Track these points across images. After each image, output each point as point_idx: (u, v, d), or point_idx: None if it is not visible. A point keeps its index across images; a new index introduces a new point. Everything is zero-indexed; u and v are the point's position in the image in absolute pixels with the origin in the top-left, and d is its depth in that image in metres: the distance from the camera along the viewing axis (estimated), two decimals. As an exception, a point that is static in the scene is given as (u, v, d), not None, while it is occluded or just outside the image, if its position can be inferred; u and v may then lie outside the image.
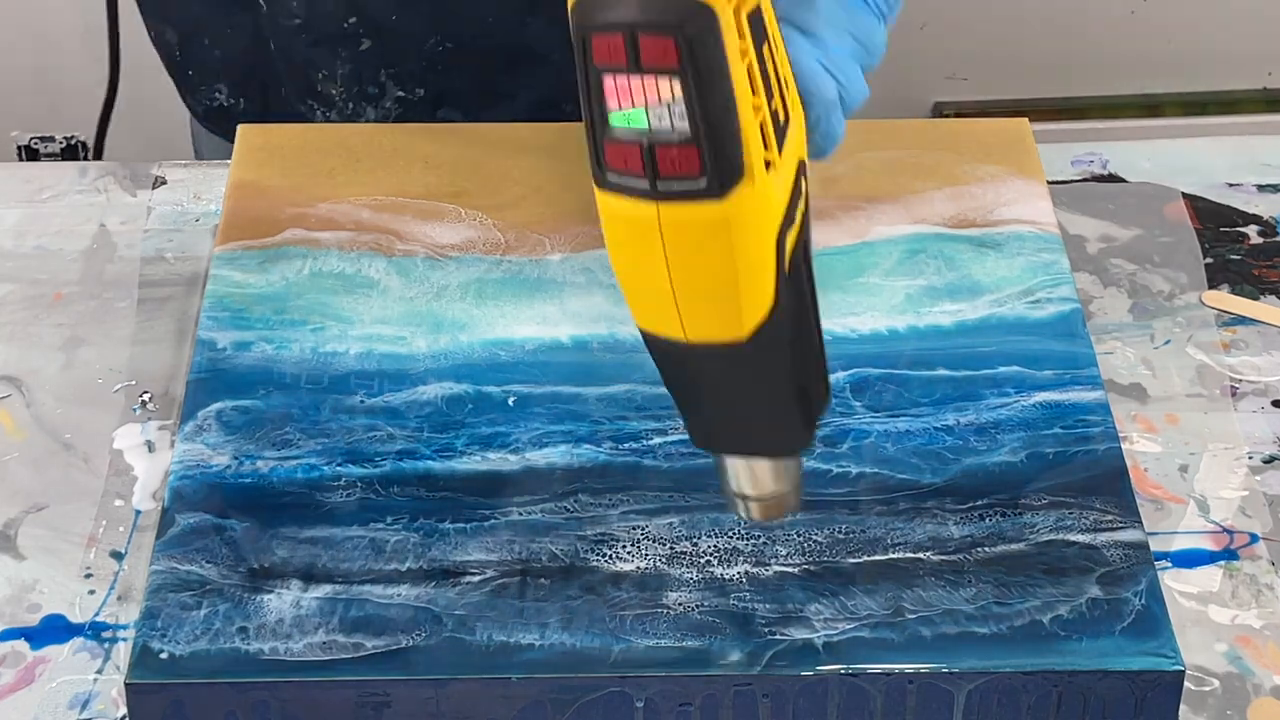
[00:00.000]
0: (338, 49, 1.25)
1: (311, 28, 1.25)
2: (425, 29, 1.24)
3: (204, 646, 0.88)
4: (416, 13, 1.23)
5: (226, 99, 1.32)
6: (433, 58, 1.26)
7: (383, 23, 1.24)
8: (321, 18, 1.24)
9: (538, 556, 0.92)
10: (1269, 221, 1.19)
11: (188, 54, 1.31)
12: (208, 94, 1.32)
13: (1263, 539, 1.01)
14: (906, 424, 0.98)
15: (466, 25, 1.25)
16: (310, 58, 1.26)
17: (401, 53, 1.26)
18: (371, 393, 0.99)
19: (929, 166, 1.13)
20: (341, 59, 1.26)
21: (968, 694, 0.87)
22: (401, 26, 1.24)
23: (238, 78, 1.30)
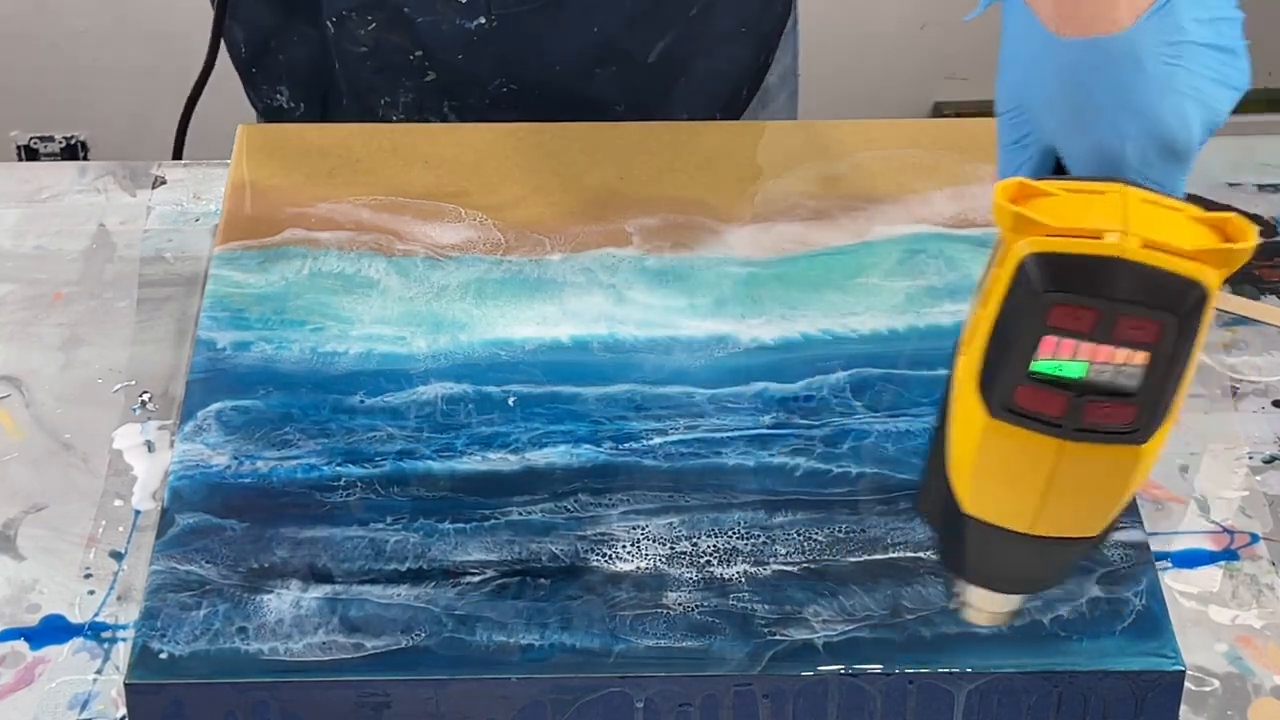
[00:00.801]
0: (401, 78, 1.25)
1: (377, 56, 1.24)
2: (490, 71, 1.24)
3: (204, 646, 0.88)
4: (482, 55, 1.23)
5: (287, 102, 1.31)
6: (496, 98, 1.25)
7: (448, 60, 1.23)
8: (387, 49, 1.24)
9: (538, 556, 0.92)
10: (1269, 221, 1.19)
11: (252, 54, 1.31)
12: (269, 94, 1.32)
13: (1263, 539, 1.01)
14: (906, 424, 0.98)
15: (531, 72, 1.24)
16: (374, 84, 1.26)
17: (464, 89, 1.25)
18: (371, 393, 0.99)
19: (929, 166, 1.13)
20: (405, 88, 1.26)
21: (968, 694, 0.87)
22: (466, 66, 1.23)
23: (300, 84, 1.30)
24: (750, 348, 1.02)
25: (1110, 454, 0.73)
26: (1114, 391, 0.71)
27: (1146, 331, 0.70)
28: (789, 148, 1.14)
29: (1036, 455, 0.73)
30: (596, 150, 1.14)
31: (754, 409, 0.98)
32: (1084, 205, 0.73)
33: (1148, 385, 0.71)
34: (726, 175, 1.12)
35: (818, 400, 0.99)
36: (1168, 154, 0.79)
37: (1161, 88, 0.79)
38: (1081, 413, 0.71)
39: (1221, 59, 0.82)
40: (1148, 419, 0.72)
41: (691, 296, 1.05)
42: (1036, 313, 0.71)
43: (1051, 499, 0.75)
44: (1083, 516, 0.76)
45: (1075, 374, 0.71)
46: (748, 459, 0.96)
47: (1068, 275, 0.70)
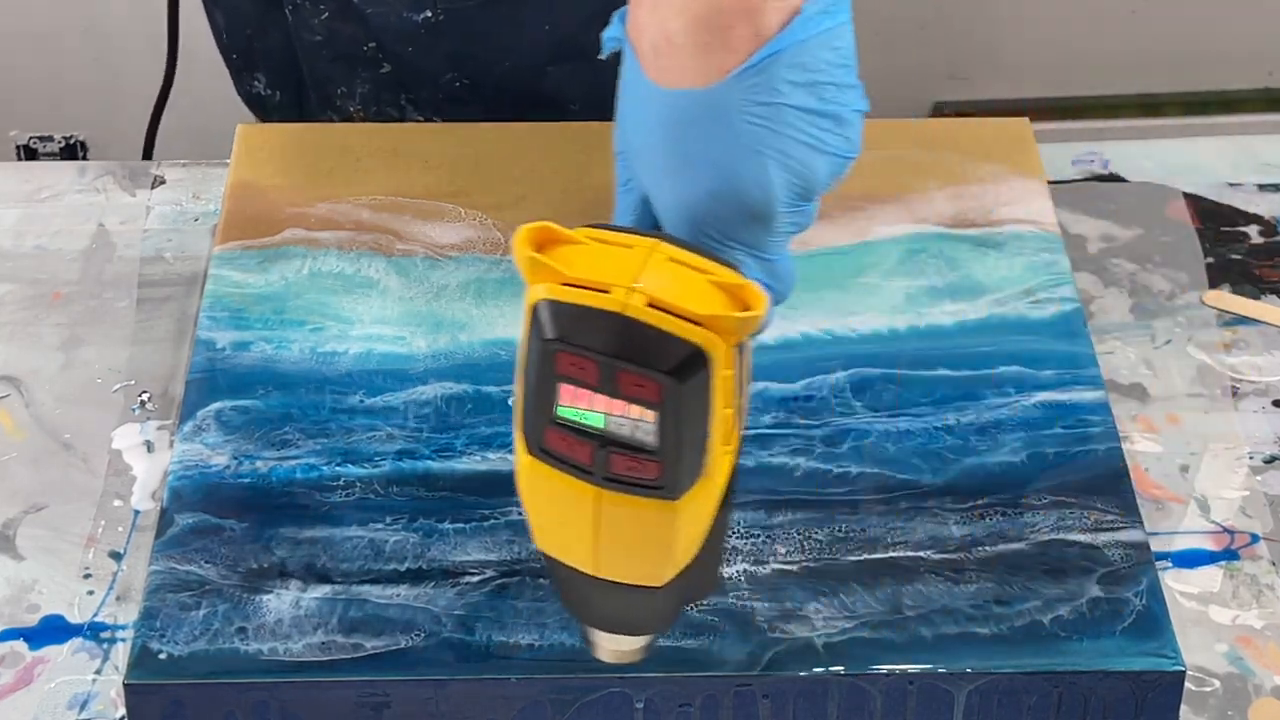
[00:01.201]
0: (358, 69, 1.25)
1: (331, 46, 1.24)
2: (441, 65, 1.23)
3: (203, 647, 0.88)
4: (433, 50, 1.23)
5: (265, 89, 1.32)
6: (450, 92, 1.25)
7: (400, 52, 1.23)
8: (341, 39, 1.24)
9: (537, 556, 0.91)
10: (1269, 221, 1.19)
11: (232, 40, 1.31)
12: (249, 80, 1.32)
13: (1263, 539, 1.01)
14: (907, 424, 0.98)
15: (483, 68, 1.24)
16: (330, 74, 1.26)
17: (420, 82, 1.25)
18: (371, 393, 0.99)
19: (929, 166, 1.13)
20: (361, 79, 1.26)
21: (968, 694, 0.87)
22: (417, 60, 1.23)
23: (275, 71, 1.30)
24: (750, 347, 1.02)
25: (648, 507, 0.73)
26: (635, 446, 0.71)
27: (648, 390, 0.70)
28: (789, 147, 1.14)
29: (577, 498, 0.74)
30: (596, 150, 1.14)
31: (754, 409, 0.98)
32: (605, 257, 0.73)
33: (666, 443, 0.71)
34: (726, 175, 1.12)
35: (818, 400, 0.99)
36: (746, 214, 0.78)
37: (744, 148, 0.77)
38: (608, 462, 0.72)
39: (821, 124, 0.80)
40: (673, 476, 0.72)
41: (691, 296, 1.05)
42: (547, 360, 0.71)
43: (604, 544, 0.75)
44: (641, 565, 0.77)
45: (596, 424, 0.71)
46: (748, 459, 0.96)
47: (573, 326, 0.71)
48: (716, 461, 0.74)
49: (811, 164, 0.79)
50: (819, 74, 0.79)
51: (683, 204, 0.78)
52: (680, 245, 0.74)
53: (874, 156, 1.13)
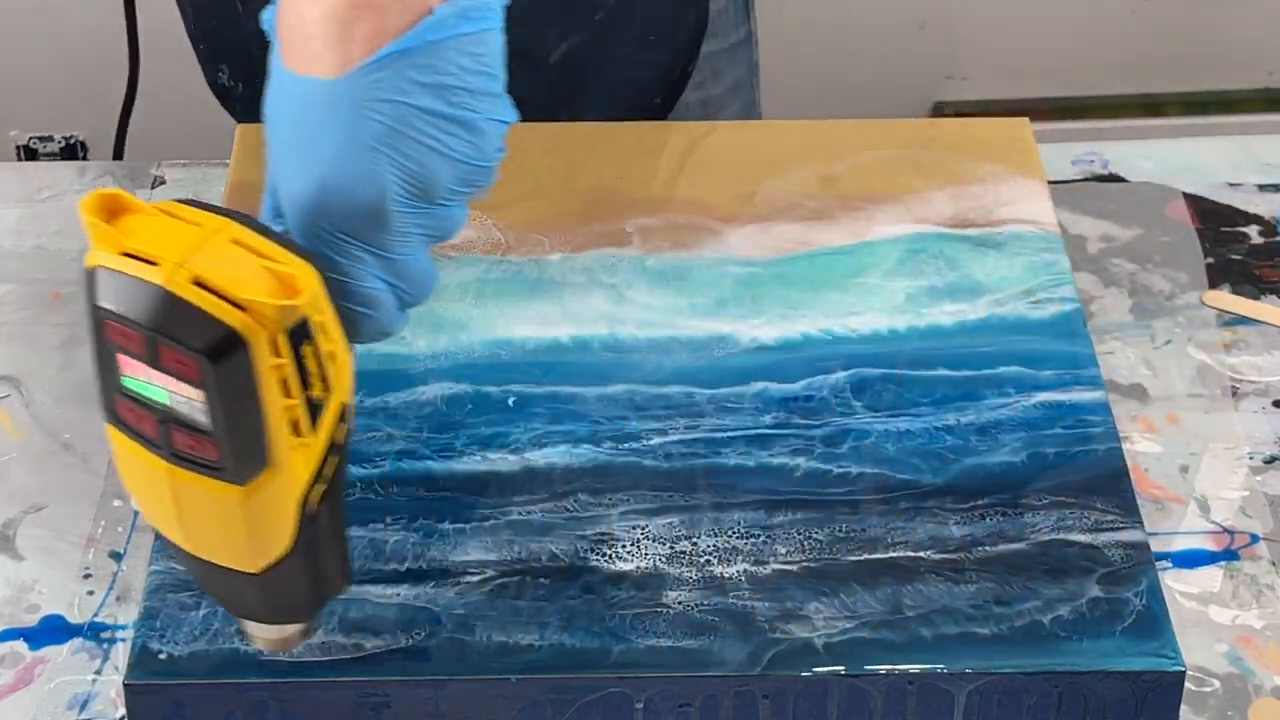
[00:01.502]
0: None
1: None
2: None
3: (203, 647, 0.88)
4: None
5: (228, 80, 1.32)
6: None
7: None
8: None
9: (537, 556, 0.92)
10: (1269, 221, 1.19)
11: (200, 28, 1.31)
12: (213, 71, 1.32)
13: (1263, 539, 1.01)
14: (906, 424, 0.98)
15: None
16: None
17: None
18: (371, 392, 0.99)
19: (929, 166, 1.13)
20: None
21: (968, 694, 0.87)
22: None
23: (238, 65, 1.30)
24: (750, 348, 1.02)
25: (217, 488, 0.74)
26: (192, 425, 0.72)
27: (189, 368, 0.71)
28: (789, 148, 1.14)
29: (153, 471, 0.74)
30: (596, 150, 1.14)
31: (754, 409, 0.98)
32: (169, 231, 0.73)
33: (217, 425, 0.72)
34: (726, 175, 1.12)
35: (818, 400, 0.99)
36: (357, 209, 0.77)
37: (358, 142, 0.77)
38: (171, 438, 0.73)
39: (447, 128, 0.79)
40: (233, 460, 0.73)
41: (691, 296, 1.05)
42: (99, 328, 0.72)
43: (188, 521, 0.76)
44: (227, 548, 0.77)
45: (159, 399, 0.72)
46: (748, 459, 0.96)
47: (119, 296, 0.71)
48: (284, 454, 0.74)
49: (431, 166, 0.79)
50: (450, 78, 0.79)
51: (298, 194, 0.78)
52: (258, 230, 0.74)
53: (874, 156, 1.13)
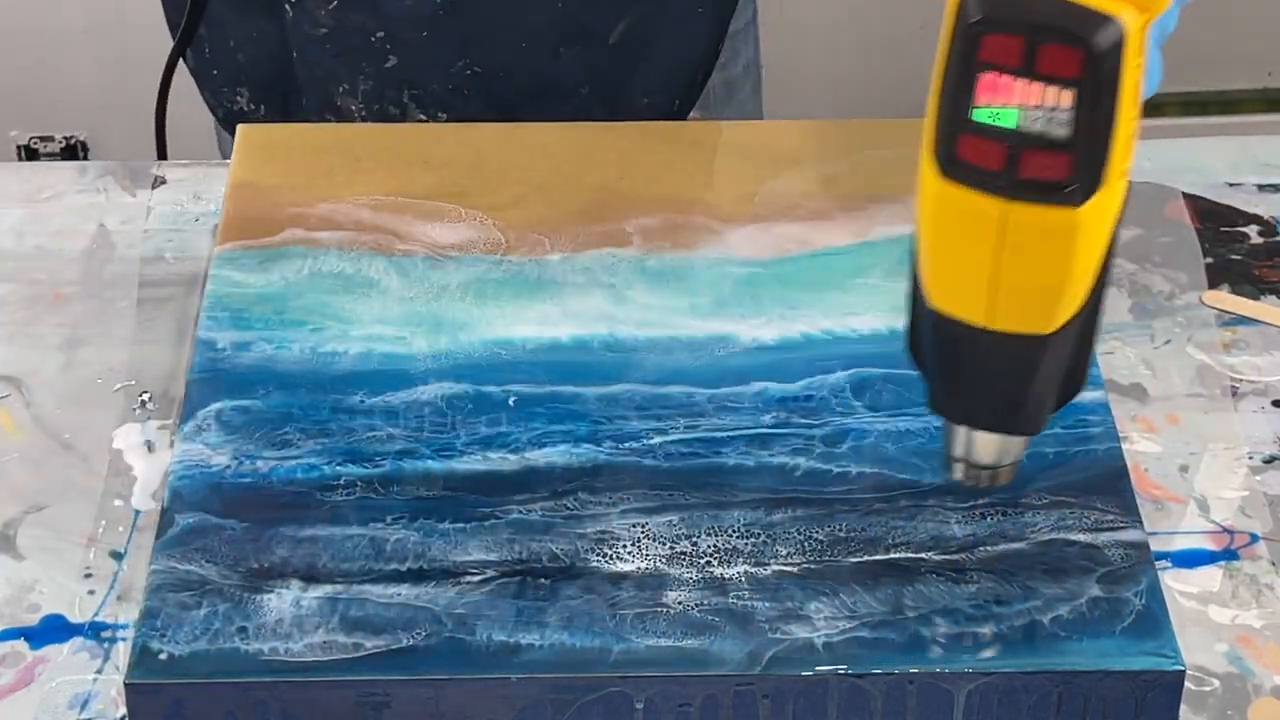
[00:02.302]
0: (361, 63, 1.25)
1: (336, 38, 1.24)
2: (453, 51, 1.23)
3: (204, 646, 0.88)
4: (446, 33, 1.22)
5: (247, 104, 1.31)
6: (459, 82, 1.25)
7: (410, 40, 1.23)
8: (348, 29, 1.23)
9: (538, 556, 0.92)
10: (1269, 221, 1.19)
11: (214, 54, 1.30)
12: (229, 96, 1.31)
13: (1263, 539, 1.01)
14: (907, 424, 0.98)
15: (497, 51, 1.24)
16: (332, 70, 1.25)
17: (426, 74, 1.25)
18: (371, 392, 0.99)
19: (929, 166, 1.12)
20: (365, 74, 1.25)
21: (968, 694, 0.87)
22: (429, 46, 1.23)
23: (259, 84, 1.30)
24: (750, 348, 1.02)
25: (1051, 219, 0.77)
26: (1048, 142, 0.75)
27: (1069, 64, 0.74)
28: (789, 148, 1.14)
29: (981, 221, 0.78)
30: (596, 150, 1.14)
31: (754, 409, 0.98)
32: None
33: (1078, 133, 0.75)
34: (726, 175, 1.12)
35: (818, 400, 0.99)
36: None
37: None
38: (1018, 164, 0.76)
39: None
40: (1083, 173, 0.76)
41: (691, 296, 1.05)
42: (969, 47, 0.75)
43: (1003, 274, 0.79)
44: (1033, 305, 0.80)
45: (1009, 123, 0.75)
46: (748, 459, 0.96)
47: (996, 6, 0.75)
48: (1115, 178, 0.77)
49: None
50: None
51: None
52: None
53: (874, 156, 1.13)
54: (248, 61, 1.29)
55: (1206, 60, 2.34)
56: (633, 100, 1.28)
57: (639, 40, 1.26)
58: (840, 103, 2.38)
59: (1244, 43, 2.31)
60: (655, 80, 1.28)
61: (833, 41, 2.37)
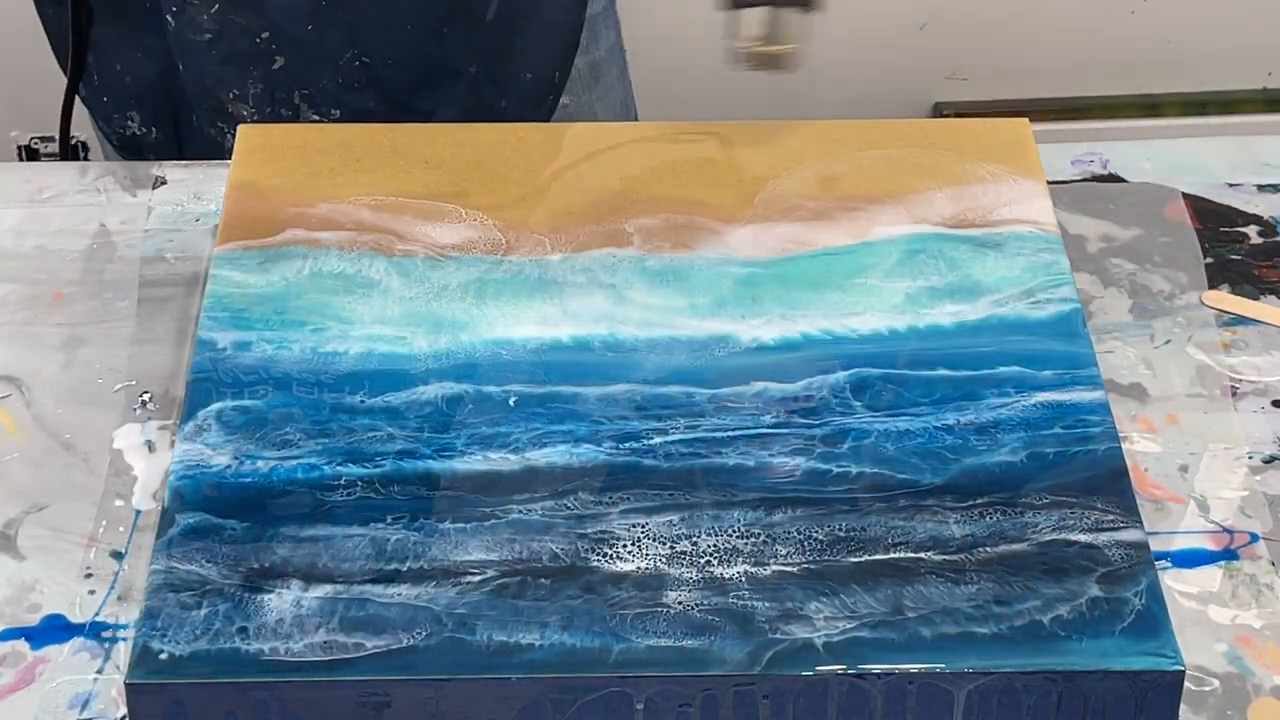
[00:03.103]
0: (249, 67, 1.24)
1: (222, 43, 1.24)
2: (340, 42, 1.23)
3: (204, 646, 0.88)
4: (331, 24, 1.22)
5: (139, 127, 1.31)
6: (348, 74, 1.25)
7: (296, 35, 1.22)
8: (233, 32, 1.23)
9: (538, 556, 0.92)
10: (1269, 221, 1.19)
11: (103, 80, 1.30)
12: (120, 122, 1.31)
13: (1263, 539, 1.01)
14: (906, 424, 0.98)
15: (383, 36, 1.24)
16: (221, 77, 1.25)
17: (315, 70, 1.25)
18: (372, 392, 0.99)
19: (929, 166, 1.13)
20: (253, 78, 1.25)
21: (968, 694, 0.87)
22: (315, 39, 1.23)
23: (149, 105, 1.30)
24: (750, 348, 1.02)
25: None
26: None
27: None
28: (789, 148, 1.14)
29: None
30: (596, 150, 1.14)
31: (754, 409, 0.98)
32: None
33: None
34: (726, 175, 1.12)
35: (818, 400, 0.99)
36: None
37: None
38: None
39: None
40: None
41: (691, 296, 1.05)
42: None
43: None
44: None
45: None
46: (748, 459, 0.96)
47: None
48: None
49: None
50: None
51: None
52: None
53: (874, 156, 1.13)
54: (135, 83, 1.29)
55: (1206, 60, 2.34)
56: (517, 75, 1.28)
57: (514, 14, 1.27)
58: (840, 103, 2.38)
59: (1244, 43, 2.31)
60: (533, 54, 1.29)
61: (832, 41, 2.37)
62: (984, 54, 2.31)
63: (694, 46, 2.32)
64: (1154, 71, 2.34)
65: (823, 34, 2.59)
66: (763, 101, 1.53)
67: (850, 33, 2.38)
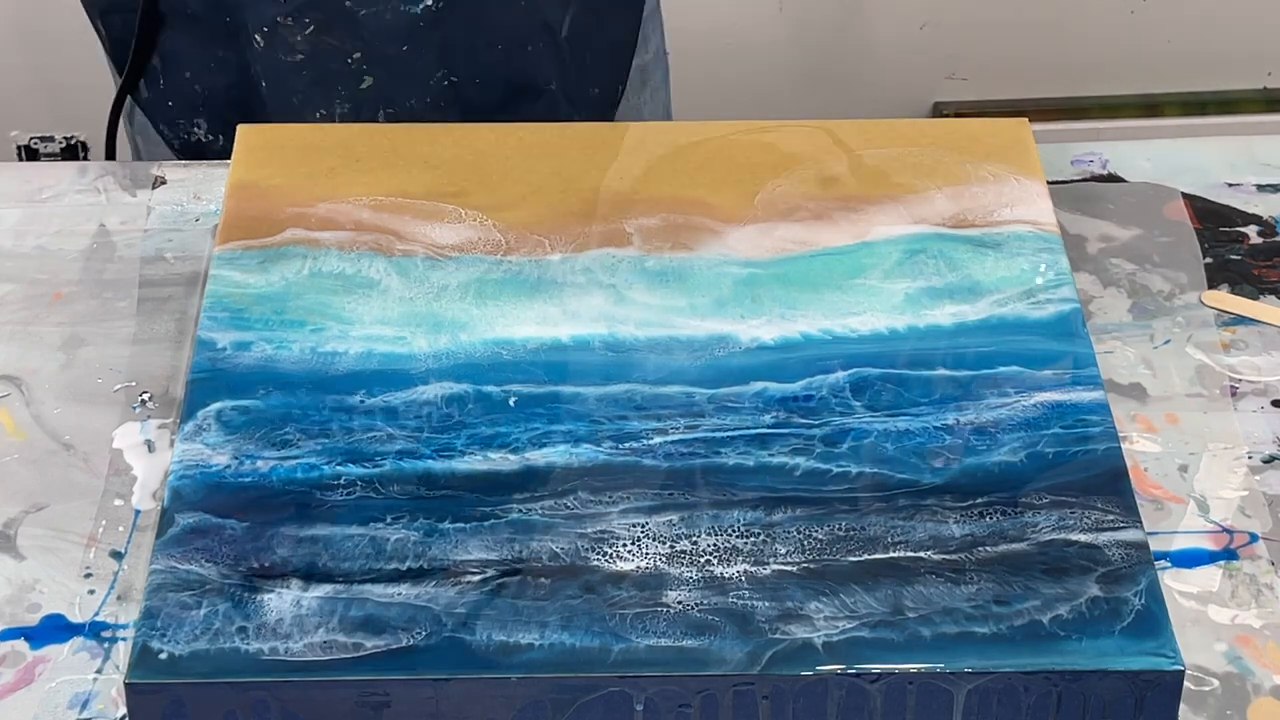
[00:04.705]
0: (337, 86, 1.25)
1: (312, 64, 1.24)
2: (431, 63, 1.23)
3: (204, 646, 0.88)
4: (425, 45, 1.23)
5: (205, 135, 1.31)
6: (435, 94, 1.25)
7: (389, 56, 1.23)
8: (325, 54, 1.23)
9: (538, 556, 0.92)
10: (1269, 221, 1.19)
11: (169, 86, 1.30)
12: (186, 128, 1.31)
13: (1262, 539, 1.01)
14: (906, 424, 0.98)
15: (473, 58, 1.24)
16: (308, 97, 1.25)
17: (403, 90, 1.25)
18: (372, 392, 0.99)
19: (929, 166, 1.13)
20: (340, 97, 1.25)
21: (967, 694, 0.87)
22: (407, 60, 1.23)
23: (218, 114, 1.30)
24: (750, 348, 1.02)
25: None
26: None
27: None
28: (789, 148, 1.14)
29: None
30: (596, 150, 1.14)
31: (754, 409, 0.99)
32: None
33: None
34: (726, 175, 1.12)
35: (817, 400, 0.99)
36: None
37: None
38: None
39: None
40: None
41: (691, 296, 1.05)
42: None
43: None
44: None
45: None
46: (747, 458, 0.96)
47: None
48: None
49: None
50: None
51: None
52: None
53: (874, 156, 1.13)
54: (205, 91, 1.29)
55: (1206, 60, 2.34)
56: (587, 90, 1.29)
57: (583, 30, 1.27)
58: (840, 103, 2.38)
59: (1244, 43, 2.31)
60: (599, 68, 1.30)
61: (833, 42, 2.37)
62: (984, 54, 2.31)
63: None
64: (1154, 71, 2.34)
65: (823, 34, 2.60)
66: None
67: (850, 33, 2.38)
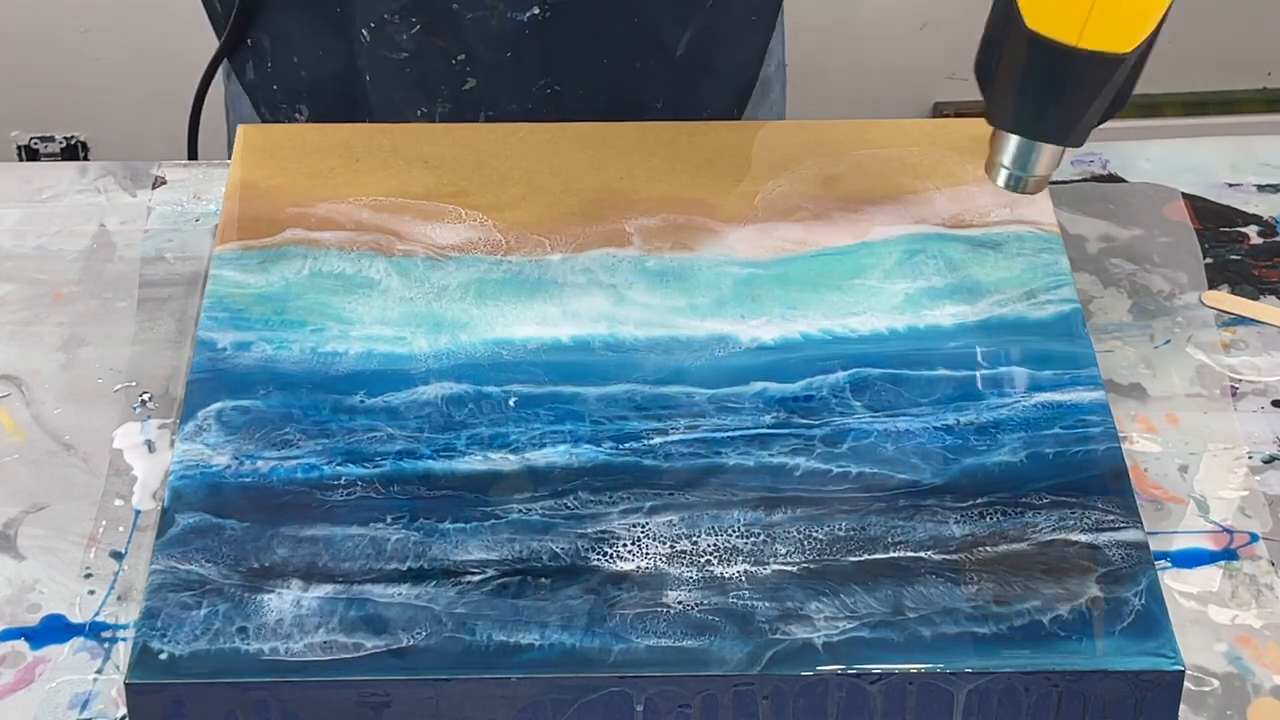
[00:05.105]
0: (440, 87, 1.24)
1: (417, 62, 1.23)
2: (535, 71, 1.23)
3: (204, 646, 0.88)
4: (529, 52, 1.22)
5: (306, 120, 1.30)
6: (537, 102, 1.24)
7: (492, 62, 1.22)
8: (430, 54, 1.23)
9: (538, 556, 0.92)
10: (1269, 221, 1.19)
11: (276, 68, 1.29)
12: (288, 113, 1.30)
13: (1263, 539, 1.01)
14: (906, 424, 0.98)
15: (578, 68, 1.24)
16: (410, 95, 1.25)
17: (505, 95, 1.24)
18: (372, 393, 0.99)
19: (929, 166, 1.13)
20: (442, 97, 1.24)
21: (967, 694, 0.87)
22: (510, 66, 1.22)
23: (321, 101, 1.29)
24: (750, 348, 1.02)
25: None
26: None
27: None
28: (789, 148, 1.14)
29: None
30: (596, 150, 1.14)
31: (754, 409, 0.99)
32: None
33: None
34: (726, 175, 1.12)
35: (817, 400, 0.99)
36: None
37: None
38: None
39: None
40: None
41: (691, 296, 1.05)
42: None
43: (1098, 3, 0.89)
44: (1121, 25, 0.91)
45: None
46: (747, 459, 0.96)
47: None
48: None
49: None
50: None
51: None
52: None
53: (874, 156, 1.13)
54: (310, 78, 1.28)
55: (1206, 60, 2.34)
56: (697, 113, 1.28)
57: (702, 50, 1.26)
58: (840, 103, 2.38)
59: (1244, 43, 2.31)
60: (715, 91, 1.28)
61: (833, 42, 2.37)
62: (984, 54, 2.31)
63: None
64: (1154, 71, 2.34)
65: (823, 34, 2.60)
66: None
67: (850, 32, 2.38)
